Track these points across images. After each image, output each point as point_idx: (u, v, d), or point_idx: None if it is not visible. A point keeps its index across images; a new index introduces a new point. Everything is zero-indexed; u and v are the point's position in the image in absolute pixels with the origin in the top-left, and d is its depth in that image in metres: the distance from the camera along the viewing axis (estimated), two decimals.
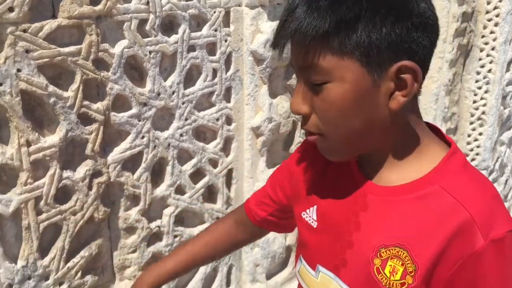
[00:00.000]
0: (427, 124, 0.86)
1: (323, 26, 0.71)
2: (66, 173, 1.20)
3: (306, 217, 0.97)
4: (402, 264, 0.80)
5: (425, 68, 0.77)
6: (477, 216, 0.75)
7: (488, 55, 2.40)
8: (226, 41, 1.51)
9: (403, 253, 0.81)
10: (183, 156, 1.52)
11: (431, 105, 2.15)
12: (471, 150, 2.57)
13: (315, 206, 0.95)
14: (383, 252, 0.82)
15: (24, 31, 1.04)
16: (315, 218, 0.95)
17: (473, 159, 2.60)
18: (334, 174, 0.92)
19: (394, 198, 0.83)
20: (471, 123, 2.51)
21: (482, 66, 2.42)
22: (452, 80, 2.20)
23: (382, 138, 0.81)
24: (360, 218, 0.86)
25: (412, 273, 0.79)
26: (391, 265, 0.82)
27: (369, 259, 0.84)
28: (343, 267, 0.89)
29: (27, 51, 1.06)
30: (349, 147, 0.82)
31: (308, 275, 0.96)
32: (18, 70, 1.05)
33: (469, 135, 2.55)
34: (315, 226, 0.94)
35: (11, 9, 1.01)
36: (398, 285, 0.81)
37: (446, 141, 0.86)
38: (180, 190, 1.53)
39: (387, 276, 0.82)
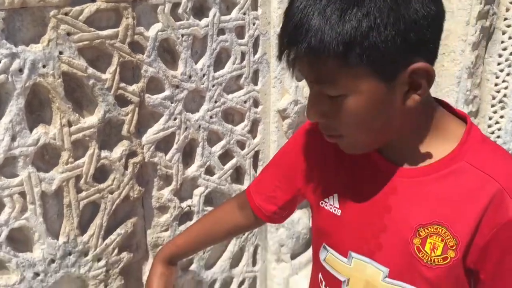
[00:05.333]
0: (436, 99, 0.88)
1: (342, 42, 0.70)
2: (104, 153, 1.24)
3: (326, 205, 0.97)
4: (442, 240, 0.82)
5: (434, 58, 0.78)
6: (507, 185, 0.79)
7: (510, 38, 2.39)
8: (254, 24, 1.53)
9: (442, 230, 0.83)
10: (213, 138, 1.56)
11: (453, 88, 2.15)
12: (492, 132, 2.58)
13: (335, 195, 0.96)
14: (421, 231, 0.84)
15: (66, 14, 1.07)
16: (337, 206, 0.95)
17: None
18: (350, 161, 0.93)
19: (423, 178, 0.84)
20: (493, 105, 2.50)
21: (505, 49, 2.41)
22: (474, 63, 2.20)
23: (401, 127, 0.83)
24: (390, 201, 0.87)
25: (454, 247, 0.82)
26: (431, 242, 0.83)
27: (408, 239, 0.85)
28: (378, 250, 0.89)
29: (68, 34, 1.09)
30: (370, 142, 0.85)
31: (338, 263, 0.96)
32: (60, 53, 1.08)
33: (490, 118, 2.55)
34: (339, 214, 0.95)
35: None
36: (440, 260, 0.83)
37: (457, 114, 0.89)
38: (209, 171, 1.57)
39: (428, 253, 0.84)
